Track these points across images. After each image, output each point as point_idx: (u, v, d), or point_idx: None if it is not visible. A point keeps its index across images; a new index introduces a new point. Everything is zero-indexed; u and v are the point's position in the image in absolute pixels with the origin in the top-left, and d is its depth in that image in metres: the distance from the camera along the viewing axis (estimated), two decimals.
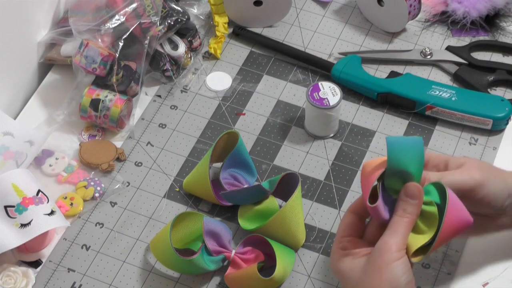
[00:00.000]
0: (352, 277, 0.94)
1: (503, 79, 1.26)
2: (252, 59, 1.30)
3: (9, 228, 1.04)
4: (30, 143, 1.17)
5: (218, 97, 1.26)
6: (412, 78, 1.24)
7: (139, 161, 1.19)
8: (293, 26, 1.34)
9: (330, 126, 1.20)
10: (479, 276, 1.07)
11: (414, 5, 1.29)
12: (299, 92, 1.26)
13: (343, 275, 0.95)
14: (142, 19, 1.22)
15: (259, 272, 1.03)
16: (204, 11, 1.34)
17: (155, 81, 1.27)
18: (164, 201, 1.15)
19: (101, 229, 1.12)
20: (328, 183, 1.16)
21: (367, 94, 1.25)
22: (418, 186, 0.94)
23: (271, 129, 1.22)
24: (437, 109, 1.20)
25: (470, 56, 1.29)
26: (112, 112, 1.19)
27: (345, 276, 0.95)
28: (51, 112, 1.24)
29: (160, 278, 1.08)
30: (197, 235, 1.08)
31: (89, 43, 1.19)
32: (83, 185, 1.15)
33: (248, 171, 1.15)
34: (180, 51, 1.26)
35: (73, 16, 1.23)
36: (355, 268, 0.94)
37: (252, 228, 1.09)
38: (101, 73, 1.20)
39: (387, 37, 1.33)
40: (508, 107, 1.20)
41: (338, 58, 1.30)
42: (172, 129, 1.22)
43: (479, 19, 1.31)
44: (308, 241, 1.11)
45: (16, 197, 1.05)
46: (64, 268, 1.09)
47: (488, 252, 1.09)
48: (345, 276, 0.95)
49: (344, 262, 0.95)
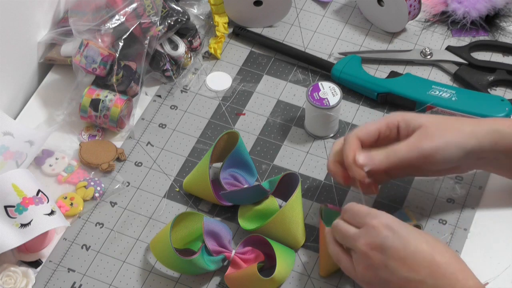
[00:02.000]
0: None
1: (503, 79, 1.26)
2: (252, 59, 1.30)
3: (9, 228, 1.04)
4: (30, 143, 1.17)
5: (218, 97, 1.26)
6: (412, 78, 1.24)
7: (139, 161, 1.19)
8: (293, 26, 1.34)
9: (330, 126, 1.20)
10: (479, 276, 1.07)
11: (414, 5, 1.29)
12: (299, 92, 1.26)
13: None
14: (142, 19, 1.22)
15: (259, 272, 1.03)
16: (204, 11, 1.34)
17: (155, 81, 1.27)
18: (164, 201, 1.15)
19: (101, 229, 1.12)
20: (328, 183, 1.16)
21: (367, 94, 1.25)
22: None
23: (271, 129, 1.22)
24: (437, 109, 1.20)
25: (470, 56, 1.29)
26: (112, 112, 1.19)
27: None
28: (51, 112, 1.24)
29: (160, 278, 1.08)
30: (197, 235, 1.08)
31: (89, 43, 1.19)
32: (83, 185, 1.15)
33: (248, 171, 1.15)
34: (180, 51, 1.26)
35: (73, 16, 1.23)
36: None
37: (252, 228, 1.09)
38: (101, 73, 1.20)
39: (387, 37, 1.33)
40: (508, 107, 1.20)
41: (338, 58, 1.30)
42: (172, 129, 1.22)
43: (479, 19, 1.31)
44: (308, 241, 1.11)
45: (16, 197, 1.05)
46: (64, 268, 1.09)
47: (488, 252, 1.09)
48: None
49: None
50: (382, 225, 0.95)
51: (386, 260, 0.94)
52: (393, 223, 0.95)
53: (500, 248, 1.10)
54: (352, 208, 0.99)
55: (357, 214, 0.98)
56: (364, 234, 0.96)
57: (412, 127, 1.04)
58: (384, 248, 0.94)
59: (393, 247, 0.94)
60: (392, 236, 0.94)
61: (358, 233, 0.96)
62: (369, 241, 0.95)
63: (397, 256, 0.93)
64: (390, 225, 0.95)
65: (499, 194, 1.14)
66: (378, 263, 0.94)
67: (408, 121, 1.05)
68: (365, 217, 0.97)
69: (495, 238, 1.10)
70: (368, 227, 0.96)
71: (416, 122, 1.04)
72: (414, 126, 1.04)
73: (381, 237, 0.94)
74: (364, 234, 0.96)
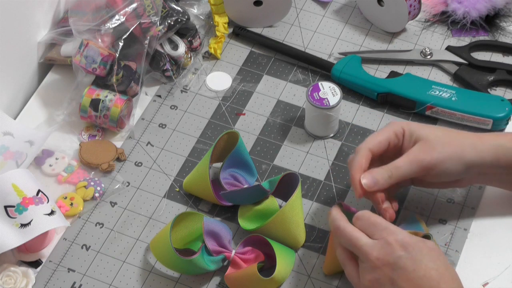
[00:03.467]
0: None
1: (503, 79, 1.26)
2: (252, 59, 1.30)
3: (9, 228, 1.04)
4: (30, 143, 1.17)
5: (218, 97, 1.26)
6: (412, 78, 1.24)
7: (139, 161, 1.19)
8: (293, 26, 1.34)
9: (330, 126, 1.20)
10: (479, 276, 1.07)
11: (414, 5, 1.29)
12: (299, 92, 1.26)
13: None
14: (142, 19, 1.22)
15: (259, 272, 1.03)
16: (204, 11, 1.34)
17: (155, 81, 1.27)
18: (164, 201, 1.15)
19: (101, 229, 1.12)
20: (328, 183, 1.16)
21: (367, 94, 1.25)
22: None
23: (271, 129, 1.22)
24: (437, 109, 1.20)
25: (470, 56, 1.29)
26: (112, 112, 1.19)
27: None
28: (51, 112, 1.24)
29: (160, 278, 1.08)
30: (197, 235, 1.08)
31: (89, 43, 1.19)
32: (83, 185, 1.15)
33: (248, 171, 1.15)
34: (180, 51, 1.26)
35: (73, 16, 1.23)
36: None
37: (252, 228, 1.09)
38: (101, 73, 1.20)
39: (387, 37, 1.33)
40: (508, 107, 1.20)
41: (338, 58, 1.30)
42: (172, 129, 1.22)
43: (479, 19, 1.31)
44: (308, 241, 1.11)
45: (16, 197, 1.05)
46: (64, 268, 1.09)
47: (488, 252, 1.09)
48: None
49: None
50: (398, 244, 0.95)
51: (394, 278, 0.94)
52: (409, 244, 0.95)
53: (500, 248, 1.10)
54: (368, 218, 0.98)
55: (375, 226, 0.97)
56: (379, 248, 0.95)
57: (415, 138, 1.05)
58: (395, 267, 0.94)
59: (404, 268, 0.94)
60: (406, 256, 0.94)
61: (371, 245, 0.96)
62: (382, 256, 0.95)
63: (405, 277, 0.94)
64: (405, 245, 0.95)
65: (499, 194, 1.14)
66: (386, 279, 0.94)
67: (412, 130, 1.05)
68: (382, 230, 0.96)
69: (495, 238, 1.10)
70: (384, 242, 0.95)
71: (419, 133, 1.05)
72: (417, 137, 1.05)
73: (395, 256, 0.94)
74: (378, 248, 0.95)
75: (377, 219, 0.98)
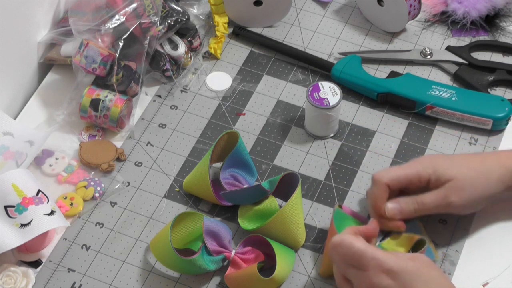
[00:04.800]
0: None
1: (503, 79, 1.26)
2: (252, 59, 1.30)
3: (9, 228, 1.04)
4: (30, 143, 1.17)
5: (218, 97, 1.26)
6: (412, 78, 1.24)
7: (139, 161, 1.19)
8: (293, 26, 1.34)
9: (330, 126, 1.20)
10: (479, 276, 1.07)
11: (414, 5, 1.29)
12: (299, 92, 1.26)
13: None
14: (142, 19, 1.22)
15: (259, 272, 1.03)
16: (204, 11, 1.34)
17: (155, 81, 1.27)
18: (164, 201, 1.15)
19: (101, 229, 1.12)
20: (328, 183, 1.16)
21: (367, 94, 1.25)
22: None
23: (271, 129, 1.22)
24: (437, 109, 1.20)
25: (470, 56, 1.29)
26: (112, 112, 1.19)
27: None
28: (51, 112, 1.24)
29: (160, 278, 1.08)
30: (197, 235, 1.08)
31: (89, 43, 1.19)
32: (83, 185, 1.15)
33: (248, 171, 1.15)
34: (180, 51, 1.26)
35: (73, 16, 1.23)
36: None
37: (252, 228, 1.09)
38: (101, 73, 1.20)
39: (387, 37, 1.33)
40: (508, 107, 1.20)
41: (338, 58, 1.30)
42: (172, 129, 1.22)
43: (479, 19, 1.31)
44: (308, 241, 1.11)
45: (16, 197, 1.05)
46: (64, 268, 1.09)
47: (488, 252, 1.09)
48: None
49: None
50: (384, 273, 0.93)
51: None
52: (397, 272, 0.93)
53: (500, 248, 1.10)
54: (351, 249, 0.95)
55: (361, 258, 0.95)
56: (365, 278, 0.94)
57: (443, 181, 1.05)
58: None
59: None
60: (394, 285, 0.93)
61: (360, 276, 0.95)
62: (370, 285, 0.94)
63: None
64: (393, 274, 0.93)
65: None
66: None
67: (439, 175, 1.05)
68: (370, 261, 0.94)
69: (495, 238, 1.10)
70: (370, 273, 0.94)
71: (447, 176, 1.05)
72: (445, 179, 1.05)
73: (383, 285, 0.94)
74: (365, 277, 0.94)
75: (359, 248, 0.95)
